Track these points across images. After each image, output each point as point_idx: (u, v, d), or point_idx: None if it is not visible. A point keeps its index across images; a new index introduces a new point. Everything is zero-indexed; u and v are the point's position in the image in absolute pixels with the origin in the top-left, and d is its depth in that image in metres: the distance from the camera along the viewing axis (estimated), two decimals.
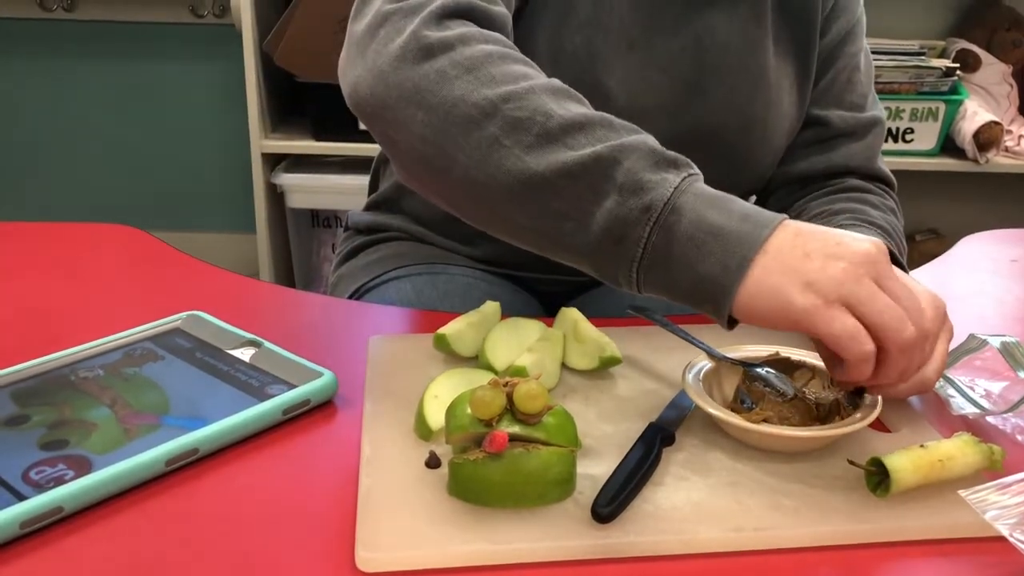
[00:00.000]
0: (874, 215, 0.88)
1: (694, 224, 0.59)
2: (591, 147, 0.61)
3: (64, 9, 2.47)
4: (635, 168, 0.60)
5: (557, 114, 0.63)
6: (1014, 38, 2.37)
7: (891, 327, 0.57)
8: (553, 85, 0.66)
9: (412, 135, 0.66)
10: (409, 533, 0.54)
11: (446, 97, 0.64)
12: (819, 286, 0.57)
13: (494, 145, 0.63)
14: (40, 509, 0.54)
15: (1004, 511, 0.54)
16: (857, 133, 0.96)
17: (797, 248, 0.58)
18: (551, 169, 0.61)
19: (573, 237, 0.62)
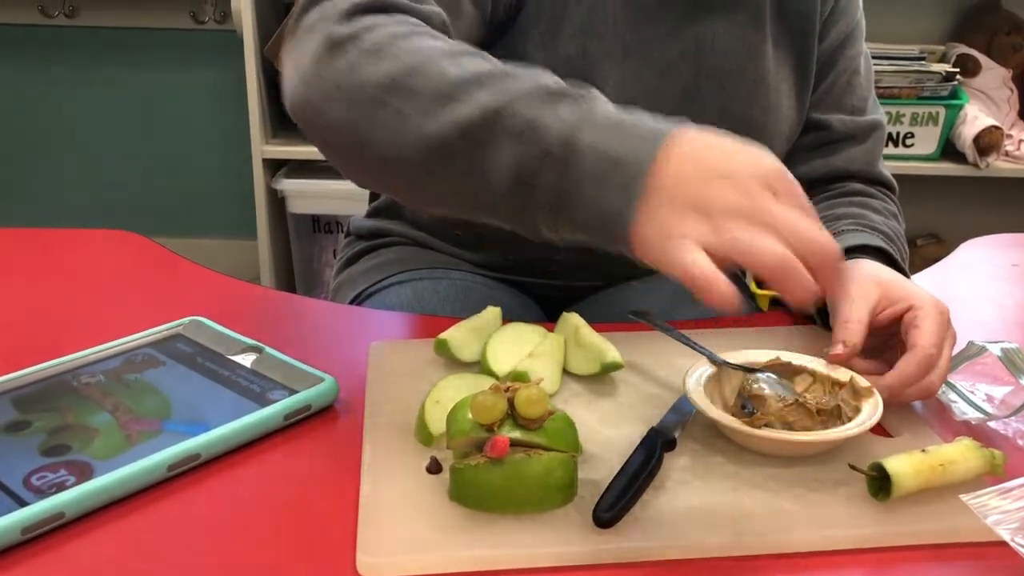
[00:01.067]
0: (875, 220, 0.88)
1: (595, 158, 0.56)
2: (482, 99, 0.59)
3: (65, 15, 2.47)
4: (526, 111, 0.58)
5: (452, 74, 0.61)
6: (1014, 42, 2.37)
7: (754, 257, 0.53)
8: (454, 48, 0.64)
9: (337, 130, 0.65)
10: (410, 538, 0.54)
11: (355, 83, 0.64)
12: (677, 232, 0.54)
13: (398, 118, 0.62)
14: (41, 515, 0.54)
15: (1005, 516, 0.54)
16: (857, 137, 0.96)
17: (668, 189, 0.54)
18: (446, 129, 0.59)
19: (483, 194, 0.60)
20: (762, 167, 0.55)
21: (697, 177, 0.55)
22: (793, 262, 0.52)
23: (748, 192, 0.54)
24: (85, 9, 2.47)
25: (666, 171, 0.55)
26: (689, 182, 0.55)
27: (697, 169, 0.55)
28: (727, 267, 0.53)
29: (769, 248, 0.52)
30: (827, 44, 0.94)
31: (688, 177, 0.55)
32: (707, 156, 0.56)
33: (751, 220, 0.53)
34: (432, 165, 0.61)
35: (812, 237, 0.53)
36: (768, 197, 0.54)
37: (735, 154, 0.56)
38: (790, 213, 0.54)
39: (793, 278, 0.53)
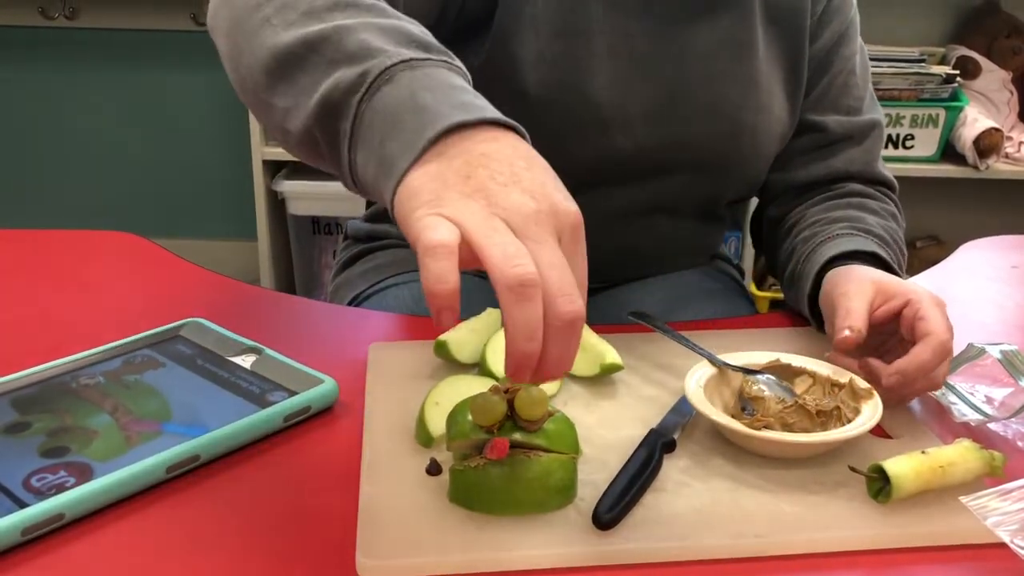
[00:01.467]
0: (872, 223, 0.88)
1: (401, 99, 0.52)
2: (339, 20, 0.57)
3: (66, 17, 2.47)
4: (373, 39, 0.55)
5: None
6: (1014, 45, 2.37)
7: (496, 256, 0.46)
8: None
9: (221, 35, 0.64)
10: (410, 540, 0.54)
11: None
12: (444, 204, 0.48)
13: (264, 26, 0.60)
14: (41, 516, 0.54)
15: (1005, 517, 0.54)
16: (855, 137, 0.96)
17: (468, 164, 0.49)
18: (297, 39, 0.57)
19: (304, 111, 0.56)
20: (568, 209, 0.49)
21: (502, 169, 0.49)
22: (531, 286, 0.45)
23: (537, 217, 0.47)
24: (85, 11, 2.47)
25: (472, 144, 0.50)
26: (496, 171, 0.49)
27: (506, 164, 0.49)
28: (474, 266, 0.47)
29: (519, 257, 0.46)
30: (821, 44, 0.94)
31: (498, 167, 0.49)
32: (522, 161, 0.50)
33: (523, 236, 0.47)
34: (278, 78, 0.58)
35: (560, 291, 0.46)
36: (551, 233, 0.48)
37: (547, 183, 0.50)
38: (559, 260, 0.47)
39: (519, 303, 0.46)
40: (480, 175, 0.48)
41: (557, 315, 0.46)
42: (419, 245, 0.46)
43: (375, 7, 0.59)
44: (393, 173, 0.50)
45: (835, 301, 0.74)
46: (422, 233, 0.46)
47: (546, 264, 0.46)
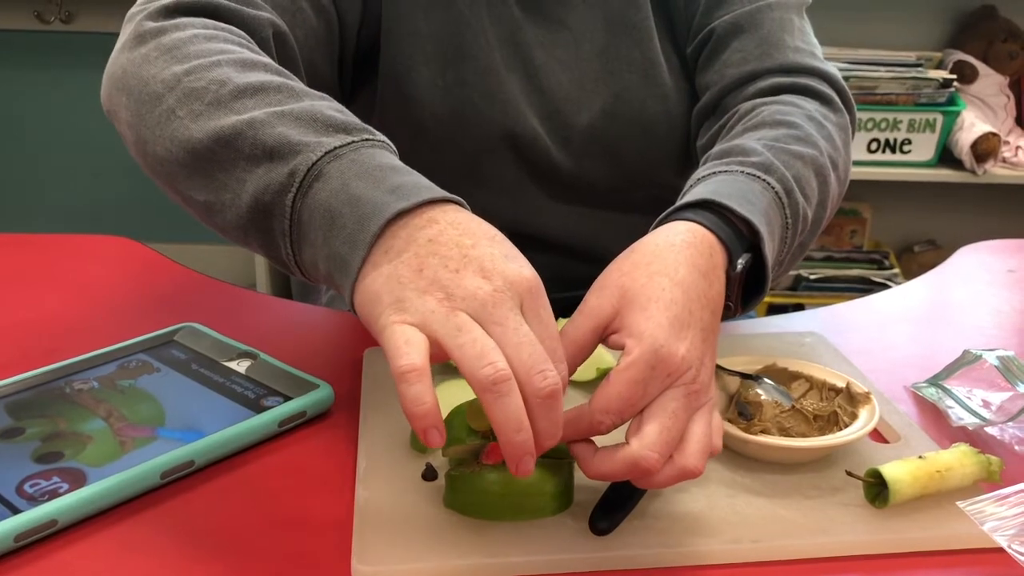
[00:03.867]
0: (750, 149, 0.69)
1: (335, 192, 0.52)
2: (255, 111, 0.56)
3: (61, 21, 2.47)
4: (290, 132, 0.54)
5: (233, 82, 0.58)
6: (1011, 49, 2.38)
7: (467, 357, 0.47)
8: (247, 58, 0.61)
9: (123, 123, 0.64)
10: (406, 546, 0.54)
11: (141, 77, 0.62)
12: (407, 306, 0.48)
13: (170, 117, 0.59)
14: (34, 522, 0.54)
15: (1002, 522, 0.54)
16: (743, 26, 0.81)
17: (418, 257, 0.49)
18: (210, 135, 0.56)
19: (232, 210, 0.56)
20: (521, 275, 0.49)
21: (451, 253, 0.49)
22: (503, 382, 0.46)
23: (494, 298, 0.48)
24: (81, 15, 2.47)
25: (415, 231, 0.50)
26: (445, 257, 0.49)
27: (454, 247, 0.50)
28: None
29: (487, 356, 0.46)
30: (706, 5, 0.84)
31: (441, 249, 0.50)
32: (468, 239, 0.50)
33: (486, 321, 0.48)
34: (193, 171, 0.58)
35: (532, 366, 0.47)
36: (511, 308, 0.48)
37: (496, 255, 0.50)
38: (524, 337, 0.48)
39: (498, 400, 0.47)
40: (431, 265, 0.49)
41: (535, 393, 0.47)
42: (392, 368, 0.47)
43: (282, 87, 0.59)
44: (347, 272, 0.51)
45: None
46: (392, 356, 0.47)
47: (512, 346, 0.47)
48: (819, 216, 0.73)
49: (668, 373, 0.53)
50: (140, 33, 0.65)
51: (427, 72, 0.82)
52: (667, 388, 0.53)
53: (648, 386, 0.53)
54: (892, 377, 0.77)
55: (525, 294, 0.49)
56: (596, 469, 0.53)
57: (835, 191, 0.75)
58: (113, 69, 0.66)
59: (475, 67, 0.83)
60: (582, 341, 0.56)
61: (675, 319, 0.54)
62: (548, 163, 0.86)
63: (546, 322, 0.50)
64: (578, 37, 0.85)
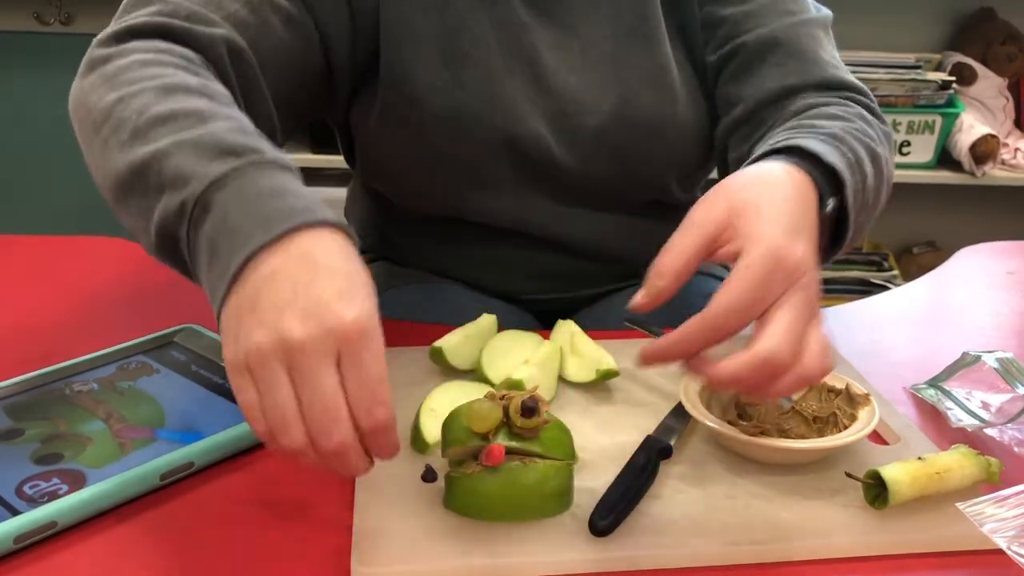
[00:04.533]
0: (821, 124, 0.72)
1: (216, 223, 0.53)
2: (158, 141, 0.58)
3: (61, 23, 2.47)
4: (186, 161, 0.56)
5: (151, 110, 0.60)
6: (1009, 51, 2.38)
7: (269, 428, 0.50)
8: (170, 83, 0.63)
9: (80, 147, 0.67)
10: (406, 547, 0.54)
11: (87, 106, 0.65)
12: (240, 345, 0.50)
13: (104, 146, 0.62)
14: (34, 524, 0.54)
15: (1002, 524, 0.54)
16: (781, 42, 0.81)
17: (257, 291, 0.50)
18: (129, 166, 0.58)
19: (146, 238, 0.59)
20: (342, 321, 0.49)
21: (284, 289, 0.50)
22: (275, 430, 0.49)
23: (304, 344, 0.48)
24: (81, 16, 2.47)
25: (265, 264, 0.51)
26: (279, 292, 0.50)
27: (289, 283, 0.50)
28: None
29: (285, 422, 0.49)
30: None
31: (277, 284, 0.50)
32: (306, 275, 0.51)
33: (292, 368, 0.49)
34: (120, 200, 0.61)
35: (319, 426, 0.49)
36: (320, 358, 0.49)
37: (325, 295, 0.50)
38: (324, 389, 0.49)
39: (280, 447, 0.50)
40: (263, 302, 0.50)
41: (320, 451, 0.49)
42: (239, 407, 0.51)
43: (192, 112, 0.60)
44: (215, 302, 0.53)
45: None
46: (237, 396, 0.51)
47: (306, 403, 0.49)
48: (874, 202, 0.73)
49: (788, 274, 0.54)
50: (90, 60, 0.69)
51: (426, 74, 0.82)
52: (786, 291, 0.54)
53: (769, 287, 0.54)
54: (891, 379, 0.77)
55: (342, 341, 0.49)
56: (725, 371, 0.53)
57: (886, 184, 0.76)
58: (71, 96, 0.70)
59: (474, 69, 0.83)
60: (690, 253, 0.57)
61: (790, 224, 0.56)
62: (551, 164, 0.87)
63: (366, 368, 0.49)
64: (586, 43, 0.86)
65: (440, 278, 0.97)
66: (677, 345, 0.55)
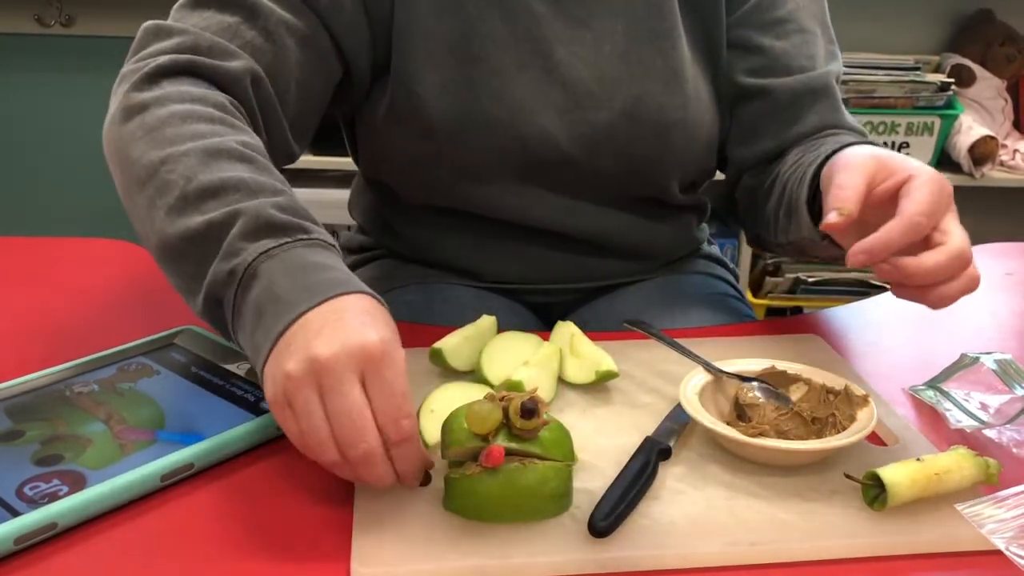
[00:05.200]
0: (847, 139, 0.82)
1: (263, 290, 0.59)
2: (214, 212, 0.62)
3: (62, 25, 2.47)
4: (237, 234, 0.61)
5: (198, 178, 0.64)
6: (1008, 53, 2.38)
7: (313, 452, 0.56)
8: (213, 146, 0.66)
9: (118, 189, 0.70)
10: (405, 548, 0.54)
11: (128, 157, 0.67)
12: (275, 381, 0.56)
13: (150, 206, 0.65)
14: (34, 525, 0.54)
15: (1000, 525, 0.54)
16: (817, 93, 0.90)
17: (294, 335, 0.56)
18: (179, 234, 0.63)
19: (195, 300, 0.64)
20: (363, 342, 0.55)
21: (314, 325, 0.56)
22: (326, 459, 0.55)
23: (329, 365, 0.54)
24: (82, 18, 2.47)
25: (307, 323, 0.56)
26: (306, 328, 0.56)
27: (319, 322, 0.56)
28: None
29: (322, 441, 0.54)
30: (750, 7, 0.89)
31: (309, 324, 0.56)
32: (334, 315, 0.56)
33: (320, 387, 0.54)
34: (167, 261, 0.65)
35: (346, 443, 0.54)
36: (344, 375, 0.54)
37: (351, 326, 0.56)
38: (347, 407, 0.54)
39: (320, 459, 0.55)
40: (296, 341, 0.55)
41: (350, 459, 0.54)
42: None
43: (240, 185, 0.64)
44: (259, 359, 0.58)
45: (830, 179, 0.69)
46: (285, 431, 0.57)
47: (333, 416, 0.54)
48: None
49: (948, 196, 0.66)
50: (128, 107, 0.70)
51: (435, 74, 0.83)
52: (947, 212, 0.65)
53: (941, 201, 0.65)
54: (890, 380, 0.77)
55: (366, 360, 0.54)
56: (928, 261, 0.63)
57: None
58: (108, 139, 0.71)
59: (484, 69, 0.83)
60: (860, 184, 0.66)
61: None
62: (557, 158, 0.87)
63: (389, 383, 0.55)
64: (599, 38, 0.86)
65: (441, 274, 0.97)
66: (882, 241, 0.63)
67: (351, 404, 0.54)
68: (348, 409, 0.53)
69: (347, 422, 0.54)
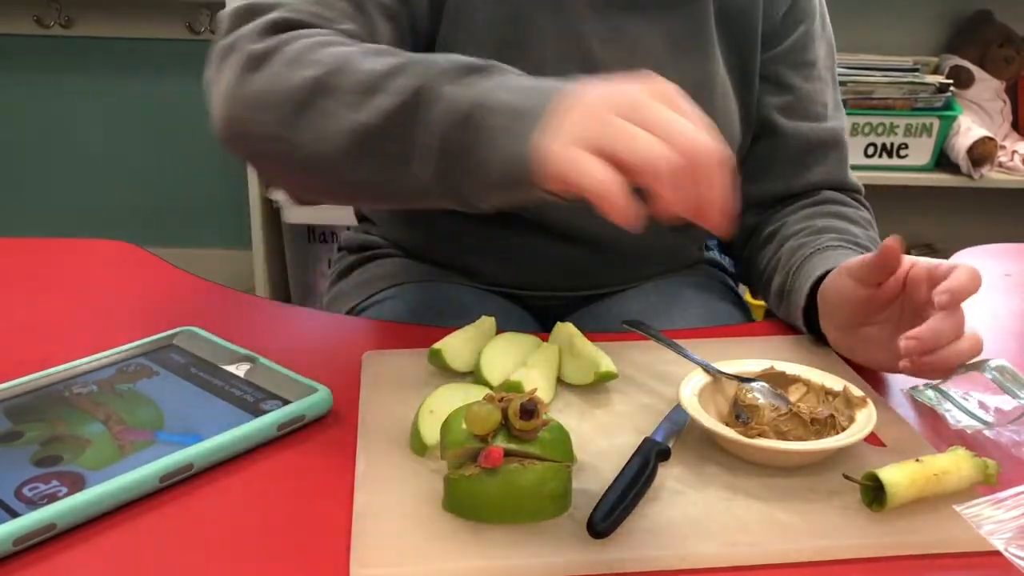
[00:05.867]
0: (857, 234, 0.88)
1: (502, 114, 0.59)
2: (402, 85, 0.63)
3: (61, 25, 2.47)
4: (442, 87, 0.62)
5: (371, 68, 0.64)
6: (1006, 54, 2.38)
7: (637, 149, 0.54)
8: (369, 47, 0.68)
9: (266, 140, 0.68)
10: (404, 549, 0.54)
11: (279, 91, 0.67)
12: (562, 136, 0.56)
13: (324, 114, 0.65)
14: (33, 526, 0.54)
15: (999, 525, 0.54)
16: (829, 144, 0.95)
17: (563, 109, 0.58)
18: (377, 115, 0.63)
19: (411, 176, 0.63)
20: (654, 84, 0.57)
21: (594, 97, 0.57)
22: (672, 162, 0.53)
23: (631, 93, 0.56)
24: (81, 19, 2.47)
25: (563, 103, 0.58)
26: (585, 101, 0.57)
27: (595, 94, 0.57)
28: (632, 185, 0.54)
29: (653, 145, 0.53)
30: (790, 44, 0.93)
31: (584, 99, 0.57)
32: (606, 87, 0.58)
33: (636, 114, 0.55)
34: (364, 154, 0.64)
35: (692, 138, 0.54)
36: (655, 104, 0.56)
37: (629, 81, 0.58)
38: (673, 117, 0.55)
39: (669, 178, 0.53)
40: (575, 107, 0.57)
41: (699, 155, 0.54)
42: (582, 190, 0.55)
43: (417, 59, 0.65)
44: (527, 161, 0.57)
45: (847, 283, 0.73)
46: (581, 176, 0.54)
47: (665, 121, 0.54)
48: None
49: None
50: (254, 57, 0.69)
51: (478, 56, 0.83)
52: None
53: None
54: (889, 380, 0.77)
55: (663, 96, 0.57)
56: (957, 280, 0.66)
57: None
58: (242, 96, 0.69)
59: (526, 58, 0.84)
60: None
61: None
62: None
63: (687, 110, 0.56)
64: (635, 42, 0.88)
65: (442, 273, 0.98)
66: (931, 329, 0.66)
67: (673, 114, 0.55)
68: (672, 116, 0.55)
69: (678, 124, 0.54)
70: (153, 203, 2.69)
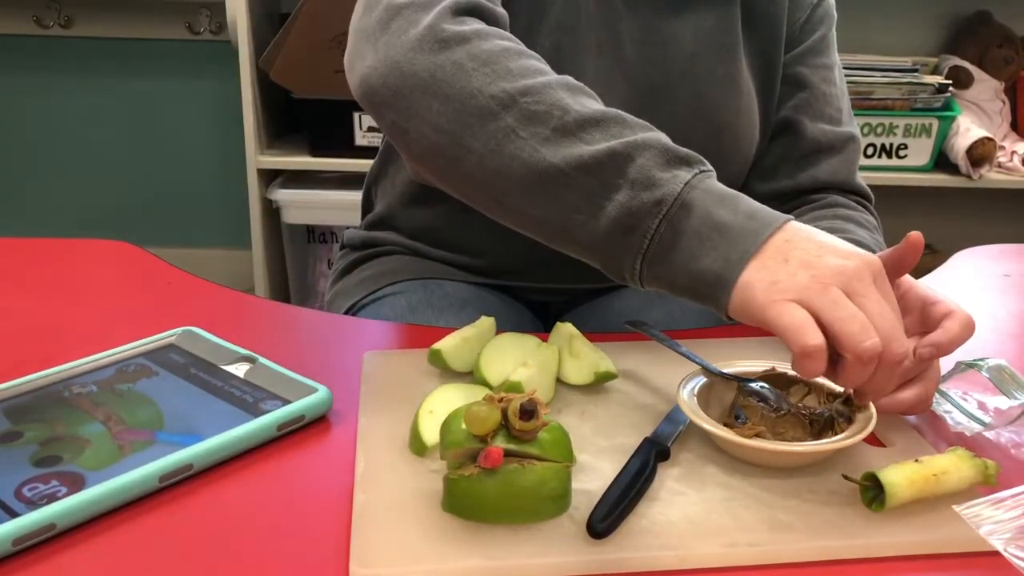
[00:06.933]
0: (862, 235, 0.88)
1: (701, 219, 0.60)
2: (606, 142, 0.63)
3: (61, 26, 2.47)
4: (648, 164, 0.62)
5: (573, 109, 0.64)
6: (1006, 55, 2.38)
7: (849, 334, 0.56)
8: (568, 82, 0.67)
9: (426, 124, 0.67)
10: (404, 549, 0.54)
11: (463, 88, 0.66)
12: (782, 286, 0.58)
13: (510, 136, 0.64)
14: (33, 526, 0.54)
15: (998, 526, 0.54)
16: (836, 147, 0.97)
17: (781, 252, 0.59)
18: (567, 162, 0.63)
19: (583, 229, 0.64)
20: (871, 258, 0.59)
21: (808, 247, 0.59)
22: (878, 355, 0.56)
23: (858, 271, 0.58)
24: (80, 19, 2.47)
25: (779, 240, 0.60)
26: (805, 248, 0.59)
27: (814, 242, 0.60)
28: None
29: (868, 332, 0.56)
30: (807, 47, 0.95)
31: (805, 245, 0.59)
32: (822, 237, 0.61)
33: (852, 293, 0.57)
34: (537, 191, 0.64)
35: (891, 337, 0.57)
36: (870, 284, 0.58)
37: (841, 244, 0.60)
38: (883, 308, 0.58)
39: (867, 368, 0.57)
40: (794, 256, 0.59)
41: (891, 358, 0.57)
42: (795, 345, 0.57)
43: (616, 118, 0.65)
44: (723, 283, 0.60)
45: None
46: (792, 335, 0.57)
47: (876, 315, 0.57)
48: None
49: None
50: (442, 37, 0.68)
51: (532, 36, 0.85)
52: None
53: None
54: None
55: (877, 275, 0.59)
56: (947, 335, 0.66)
57: None
58: (412, 69, 0.67)
59: (571, 41, 0.86)
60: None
61: None
62: None
63: (890, 299, 0.59)
64: (667, 40, 0.89)
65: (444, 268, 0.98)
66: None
67: (889, 307, 0.58)
68: (887, 310, 0.57)
69: (890, 320, 0.57)
70: (153, 203, 2.69)
